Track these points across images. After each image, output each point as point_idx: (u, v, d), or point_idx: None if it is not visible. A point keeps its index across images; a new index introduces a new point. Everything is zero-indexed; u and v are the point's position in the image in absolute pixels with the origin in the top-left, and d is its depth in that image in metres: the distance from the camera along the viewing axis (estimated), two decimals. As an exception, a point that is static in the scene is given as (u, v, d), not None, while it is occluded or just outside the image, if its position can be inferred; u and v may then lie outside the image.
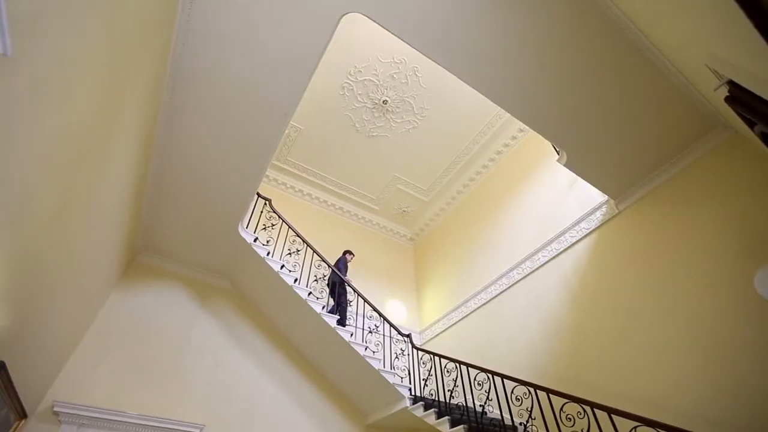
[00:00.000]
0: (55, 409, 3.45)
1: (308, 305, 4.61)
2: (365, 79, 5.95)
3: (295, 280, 4.75)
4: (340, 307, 5.37)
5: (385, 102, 6.18)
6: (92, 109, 2.09)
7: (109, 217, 3.26)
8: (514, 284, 5.31)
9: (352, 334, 4.70)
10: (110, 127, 2.47)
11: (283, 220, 5.28)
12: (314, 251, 5.32)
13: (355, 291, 5.27)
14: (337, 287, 5.44)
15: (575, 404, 2.99)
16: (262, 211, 5.34)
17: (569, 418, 3.07)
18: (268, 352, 4.96)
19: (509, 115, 6.10)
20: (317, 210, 7.53)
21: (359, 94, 6.12)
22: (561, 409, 3.13)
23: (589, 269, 4.35)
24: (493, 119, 6.44)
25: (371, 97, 6.16)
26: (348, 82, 5.99)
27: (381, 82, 5.99)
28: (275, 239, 5.23)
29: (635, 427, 2.59)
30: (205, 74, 3.21)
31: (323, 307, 4.72)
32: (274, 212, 5.32)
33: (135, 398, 3.88)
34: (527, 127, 5.99)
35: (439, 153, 6.99)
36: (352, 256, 6.25)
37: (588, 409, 2.88)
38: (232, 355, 4.69)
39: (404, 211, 8.02)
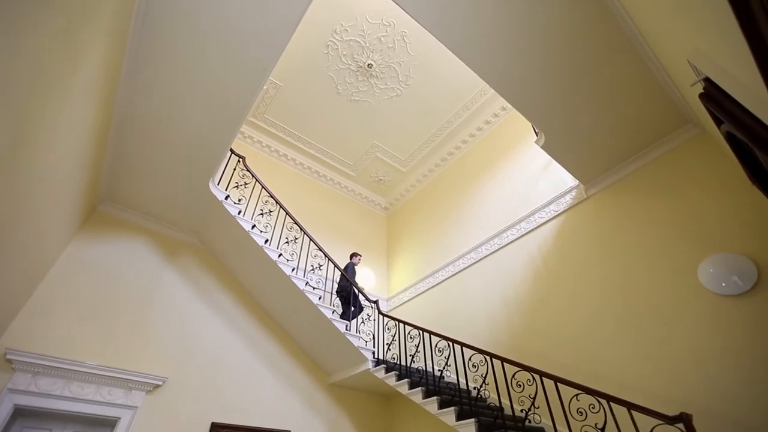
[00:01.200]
0: (8, 356, 3.35)
1: (278, 266, 4.60)
2: (351, 40, 5.70)
3: (266, 241, 4.71)
4: (353, 311, 5.46)
5: (369, 66, 5.99)
6: (46, 42, 1.90)
7: (65, 163, 3.06)
8: (481, 259, 5.50)
9: (320, 297, 4.76)
10: (70, 64, 2.27)
11: (256, 179, 5.15)
12: (287, 213, 5.26)
13: (326, 255, 5.29)
14: (352, 298, 5.46)
15: (526, 372, 3.21)
16: (235, 169, 5.17)
17: (519, 385, 3.31)
18: (235, 310, 4.97)
19: (493, 92, 6.10)
20: (292, 172, 7.38)
21: (344, 54, 5.88)
22: (513, 376, 3.36)
23: (553, 250, 4.55)
24: (477, 95, 6.40)
25: (356, 59, 5.94)
26: (333, 41, 5.73)
27: (367, 44, 5.76)
28: (247, 198, 5.12)
29: (577, 395, 2.83)
30: (181, 16, 2.97)
31: (293, 269, 4.73)
32: (248, 170, 5.17)
33: (95, 349, 3.82)
34: (509, 107, 6.08)
35: (420, 124, 6.93)
36: (359, 257, 6.21)
37: (537, 377, 3.10)
38: (197, 311, 4.66)
39: (380, 179, 7.99)
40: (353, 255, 6.19)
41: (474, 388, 3.69)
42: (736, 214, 3.22)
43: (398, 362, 4.63)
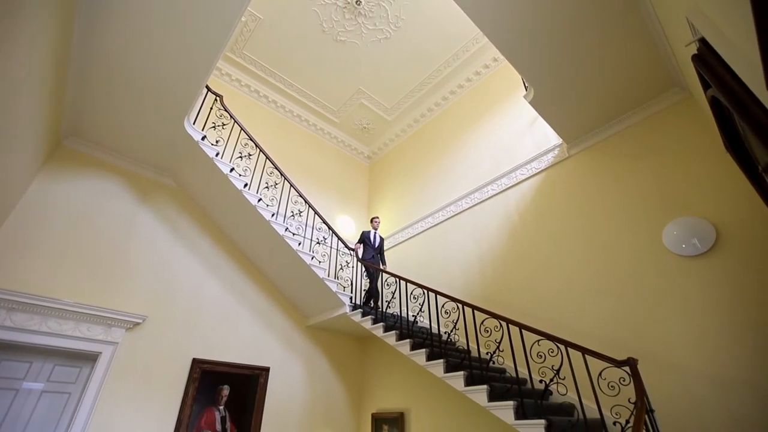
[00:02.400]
0: (-21, 291, 3.29)
1: (258, 212, 4.56)
2: (339, -30, 5.24)
3: (246, 185, 4.61)
4: (371, 291, 5.27)
5: (358, 2, 5.58)
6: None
7: (17, 91, 2.81)
8: (460, 212, 5.60)
9: (300, 243, 4.80)
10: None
11: (234, 120, 4.92)
12: (267, 157, 5.12)
13: (306, 202, 5.26)
14: (374, 281, 5.26)
15: (494, 319, 3.42)
16: (212, 108, 4.91)
17: (487, 331, 3.54)
18: (213, 252, 4.97)
19: (485, 42, 5.87)
20: (273, 114, 7.08)
21: (330, -14, 5.43)
22: (482, 323, 3.58)
23: (531, 206, 4.67)
24: (468, 44, 6.13)
25: (343, -7, 5.51)
26: (319, -30, 5.25)
27: (356, -23, 5.32)
28: (225, 140, 4.92)
29: (538, 341, 3.06)
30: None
31: (273, 215, 4.70)
32: (226, 110, 4.91)
33: (71, 288, 3.80)
34: (500, 58, 5.88)
35: (408, 71, 6.65)
36: (378, 221, 5.92)
37: (504, 324, 3.31)
38: (175, 252, 4.64)
39: (364, 127, 7.80)
40: (373, 219, 5.96)
41: (445, 333, 3.92)
42: (706, 180, 3.34)
43: (374, 307, 4.83)
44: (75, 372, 3.85)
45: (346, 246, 5.34)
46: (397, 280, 4.64)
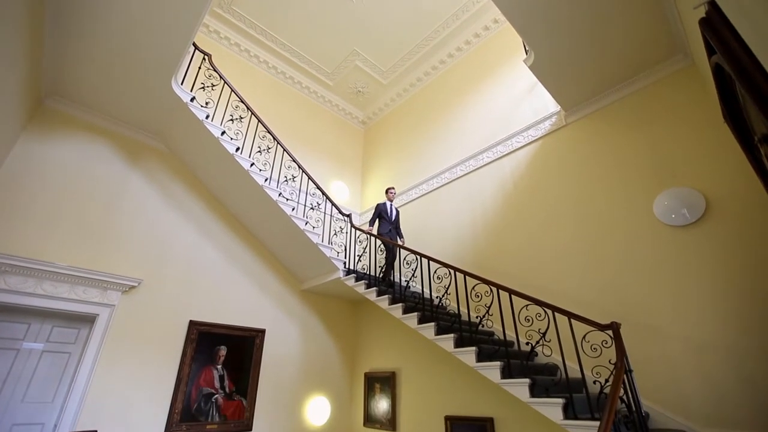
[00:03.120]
0: (-30, 253, 3.27)
1: (251, 176, 4.50)
2: None
3: (237, 149, 4.52)
4: (386, 267, 4.98)
5: (353, -47, 5.24)
6: None
7: None
8: (454, 180, 5.59)
9: (293, 209, 4.78)
10: None
11: (224, 81, 4.74)
12: (259, 120, 4.99)
13: (299, 167, 5.19)
14: (393, 259, 4.93)
15: (484, 285, 3.51)
16: (200, 68, 4.71)
17: (477, 296, 3.64)
18: (207, 217, 4.95)
19: (486, 1, 5.61)
20: (264, 75, 6.83)
21: (324, -65, 5.08)
22: (473, 288, 3.67)
23: (526, 175, 4.66)
24: (468, 2, 5.86)
25: (338, -56, 5.17)
26: None
27: (351, -75, 4.97)
28: (215, 102, 4.76)
29: (527, 305, 3.16)
30: None
31: (266, 180, 4.65)
32: (215, 70, 4.72)
33: (63, 251, 3.78)
34: (500, 20, 5.66)
35: (405, 31, 6.38)
36: (394, 192, 5.48)
37: (494, 289, 3.40)
38: (168, 217, 4.61)
39: (359, 91, 7.58)
40: (388, 190, 5.52)
41: (436, 297, 4.02)
42: (699, 152, 3.34)
43: (368, 273, 4.91)
44: (74, 333, 3.92)
45: (340, 212, 5.34)
46: (392, 246, 4.69)
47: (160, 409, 3.90)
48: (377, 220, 5.25)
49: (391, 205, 5.35)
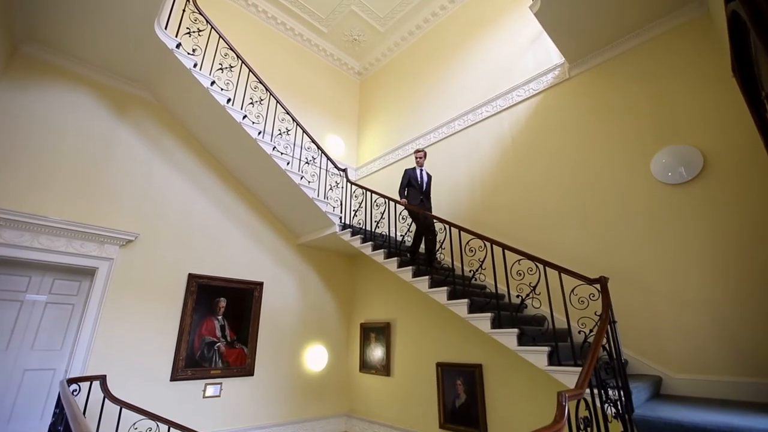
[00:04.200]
0: (-38, 206, 3.24)
1: (243, 129, 4.39)
2: None
3: (229, 101, 4.36)
4: (426, 251, 4.32)
5: None
6: None
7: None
8: (452, 134, 5.48)
9: (288, 163, 4.72)
10: None
11: (211, 26, 4.47)
12: (250, 69, 4.77)
13: (293, 120, 5.05)
14: (428, 233, 4.27)
15: (478, 240, 3.56)
16: (184, 10, 4.41)
17: (471, 250, 3.71)
18: (201, 172, 4.87)
19: (493, -65, 5.18)
20: (253, 21, 6.43)
21: None
22: (467, 243, 3.73)
23: (525, 130, 4.58)
24: (473, -63, 5.41)
25: None
26: None
27: None
28: (203, 50, 4.51)
29: (519, 260, 3.23)
30: None
31: (260, 133, 4.53)
32: (200, 13, 4.43)
33: (56, 206, 3.75)
34: (508, -42, 5.24)
35: (404, -29, 5.94)
36: (422, 155, 4.68)
37: (488, 244, 3.46)
38: (160, 171, 4.54)
39: (355, 39, 7.20)
40: (416, 153, 4.76)
41: (431, 251, 4.10)
42: (702, 109, 3.27)
43: (363, 227, 4.96)
44: (75, 285, 4.00)
45: (336, 166, 5.28)
46: (387, 201, 4.70)
47: (166, 356, 4.08)
48: (406, 189, 4.52)
49: (421, 170, 4.61)
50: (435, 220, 4.08)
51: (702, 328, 2.92)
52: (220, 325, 4.54)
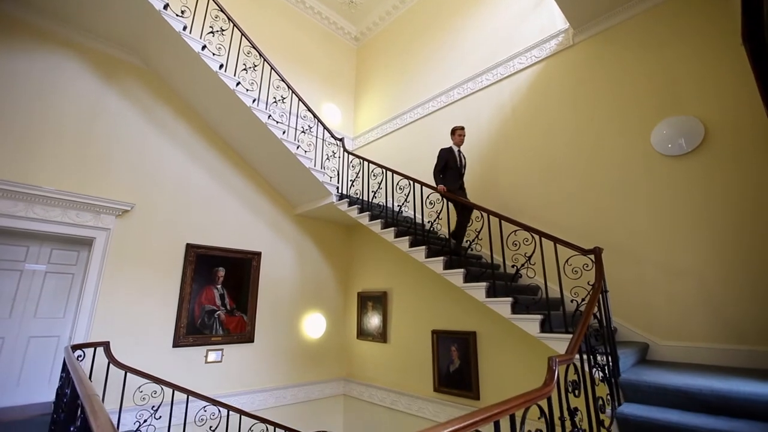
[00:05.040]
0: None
1: (237, 96, 4.27)
2: None
3: (221, 66, 4.21)
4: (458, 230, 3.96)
5: None
6: None
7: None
8: (451, 103, 5.37)
9: (284, 132, 4.63)
10: None
11: (200, -15, 4.24)
12: (242, 33, 4.58)
13: (288, 87, 4.91)
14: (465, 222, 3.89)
15: (475, 211, 3.57)
16: (170, -33, 4.17)
17: (469, 221, 3.73)
18: (195, 141, 4.78)
19: None
20: (244, -21, 6.09)
21: None
22: (464, 214, 3.74)
23: (526, 99, 4.48)
24: None
25: None
26: None
27: None
28: (192, 11, 4.31)
29: (515, 231, 3.26)
30: None
31: (254, 101, 4.42)
32: (188, -29, 4.19)
33: (50, 176, 3.70)
34: None
35: (403, -74, 5.60)
36: (463, 134, 4.19)
37: (485, 215, 3.47)
38: (154, 140, 4.45)
39: (352, 1, 6.88)
40: (455, 130, 4.22)
41: (428, 222, 4.12)
42: (708, 78, 3.20)
43: (361, 197, 4.95)
44: (74, 255, 4.02)
45: (333, 135, 5.19)
46: (384, 171, 4.67)
47: (167, 324, 4.17)
48: (443, 172, 4.06)
49: (459, 150, 4.17)
50: (431, 190, 4.06)
51: (690, 298, 2.99)
52: (219, 294, 4.61)
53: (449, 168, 4.05)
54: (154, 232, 4.25)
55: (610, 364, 2.30)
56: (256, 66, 4.91)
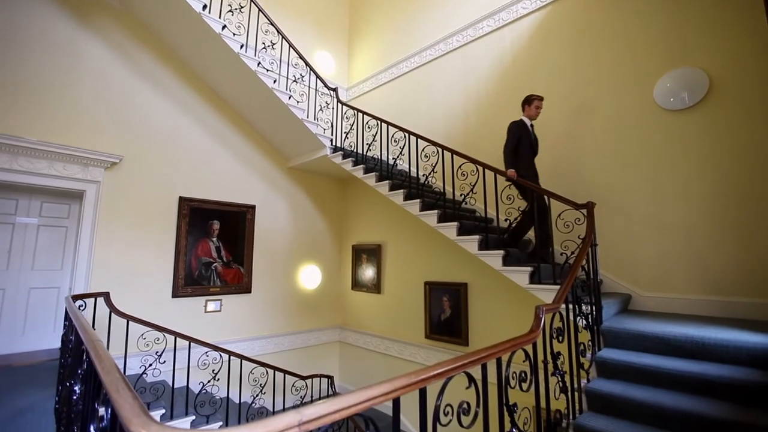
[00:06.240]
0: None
1: (223, 40, 4.02)
2: None
3: (204, 7, 3.93)
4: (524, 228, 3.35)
5: None
6: None
7: None
8: (449, 52, 5.13)
9: (275, 81, 4.43)
10: None
11: None
12: (226, -30, 4.22)
13: (278, 32, 4.63)
14: (532, 197, 3.13)
15: (470, 164, 3.54)
16: None
17: (463, 174, 3.70)
18: (184, 91, 4.58)
19: None
20: None
21: None
22: (459, 167, 3.71)
23: (527, 48, 4.28)
24: None
25: None
26: None
27: None
28: (169, -58, 3.93)
29: (509, 185, 3.26)
30: None
31: (242, 46, 4.17)
32: None
33: (30, 126, 3.55)
34: None
35: None
36: (540, 104, 3.44)
37: (480, 168, 3.44)
38: (138, 89, 4.25)
39: (344, -67, 6.30)
40: (531, 100, 3.45)
41: (423, 175, 4.09)
42: (717, 27, 3.04)
43: (355, 150, 4.86)
44: (65, 208, 3.98)
45: (326, 85, 4.99)
46: (379, 122, 4.55)
47: (165, 275, 4.25)
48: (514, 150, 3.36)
49: (531, 125, 3.48)
50: (426, 143, 3.99)
51: (676, 253, 3.07)
52: (215, 247, 4.66)
53: (522, 146, 3.35)
54: (145, 185, 4.19)
55: (594, 313, 2.40)
56: (242, 7, 4.59)
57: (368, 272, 5.54)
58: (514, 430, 1.52)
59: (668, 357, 2.14)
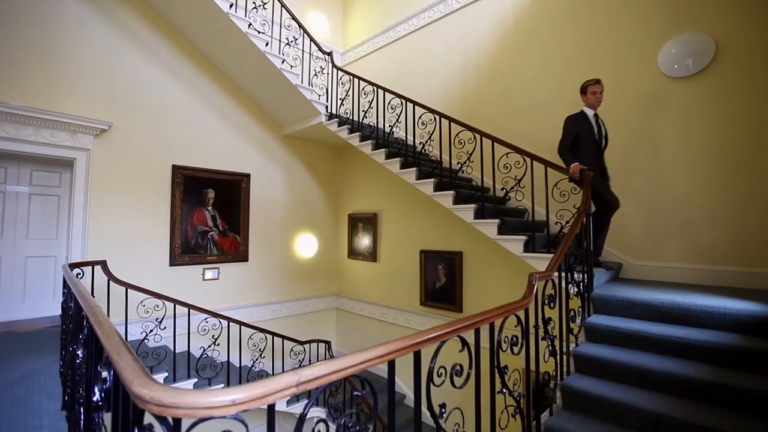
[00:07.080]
0: None
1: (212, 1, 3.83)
2: None
3: (190, -37, 3.71)
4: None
5: None
6: None
7: None
8: (449, 14, 4.92)
9: (267, 44, 4.26)
10: None
11: None
12: None
13: (269, -8, 4.40)
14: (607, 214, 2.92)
15: (468, 132, 3.49)
16: None
17: (461, 142, 3.67)
18: (173, 57, 4.40)
19: None
20: None
21: None
22: (456, 135, 3.66)
23: (528, 11, 4.11)
24: None
25: None
26: None
27: None
28: None
29: (507, 153, 3.23)
30: None
31: (231, 6, 3.97)
32: None
33: (13, 91, 3.42)
34: None
35: None
36: (597, 89, 2.97)
37: (477, 136, 3.40)
38: (124, 53, 4.07)
39: None
40: (586, 87, 3.01)
41: (420, 144, 4.04)
42: (730, -17, 2.92)
43: (351, 117, 4.77)
44: (56, 177, 3.92)
45: (320, 49, 4.81)
46: (375, 89, 4.43)
47: (162, 244, 4.25)
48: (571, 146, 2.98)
49: (595, 116, 3.03)
50: (424, 110, 3.90)
51: (670, 222, 3.10)
52: (210, 215, 4.65)
53: (581, 141, 2.97)
54: (137, 153, 4.11)
55: (585, 281, 2.45)
56: (230, -37, 4.31)
57: (364, 241, 5.58)
58: (504, 390, 1.59)
59: (655, 323, 2.21)
